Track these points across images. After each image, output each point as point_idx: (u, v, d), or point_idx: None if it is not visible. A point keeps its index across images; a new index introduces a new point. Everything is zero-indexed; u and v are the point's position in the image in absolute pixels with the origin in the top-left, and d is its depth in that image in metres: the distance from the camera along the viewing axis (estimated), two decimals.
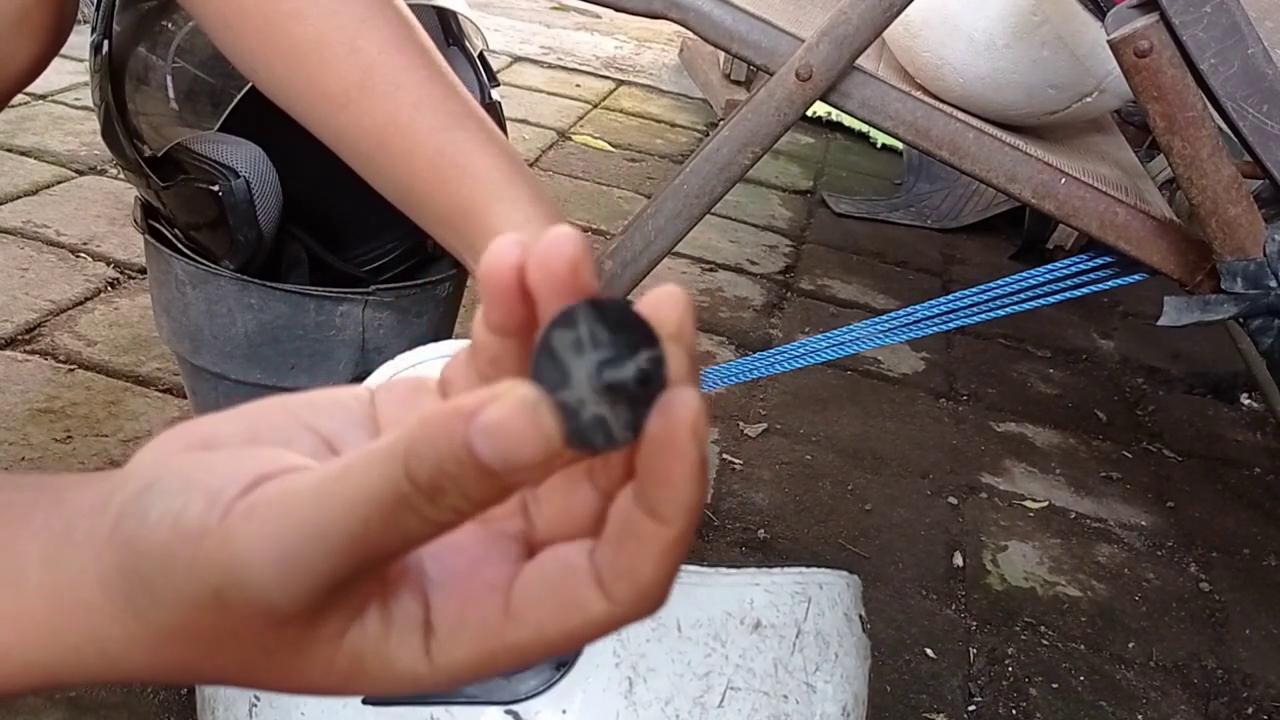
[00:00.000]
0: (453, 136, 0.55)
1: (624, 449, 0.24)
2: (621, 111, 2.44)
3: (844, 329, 1.04)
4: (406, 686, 0.27)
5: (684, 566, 0.48)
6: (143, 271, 1.31)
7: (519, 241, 0.26)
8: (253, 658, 0.26)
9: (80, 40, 0.81)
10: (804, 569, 0.54)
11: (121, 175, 1.53)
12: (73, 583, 0.27)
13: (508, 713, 0.49)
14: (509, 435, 0.23)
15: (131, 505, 0.26)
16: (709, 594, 0.52)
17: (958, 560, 1.15)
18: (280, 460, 0.27)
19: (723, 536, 1.10)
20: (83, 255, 1.35)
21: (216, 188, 0.85)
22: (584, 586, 0.26)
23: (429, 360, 0.57)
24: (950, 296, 1.02)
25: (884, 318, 1.03)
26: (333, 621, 0.26)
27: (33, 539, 0.27)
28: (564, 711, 0.49)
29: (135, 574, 0.26)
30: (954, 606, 1.08)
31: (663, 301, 0.25)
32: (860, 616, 0.58)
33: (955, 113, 0.98)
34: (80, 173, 1.58)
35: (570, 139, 2.18)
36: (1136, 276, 0.98)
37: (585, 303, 0.24)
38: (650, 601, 0.26)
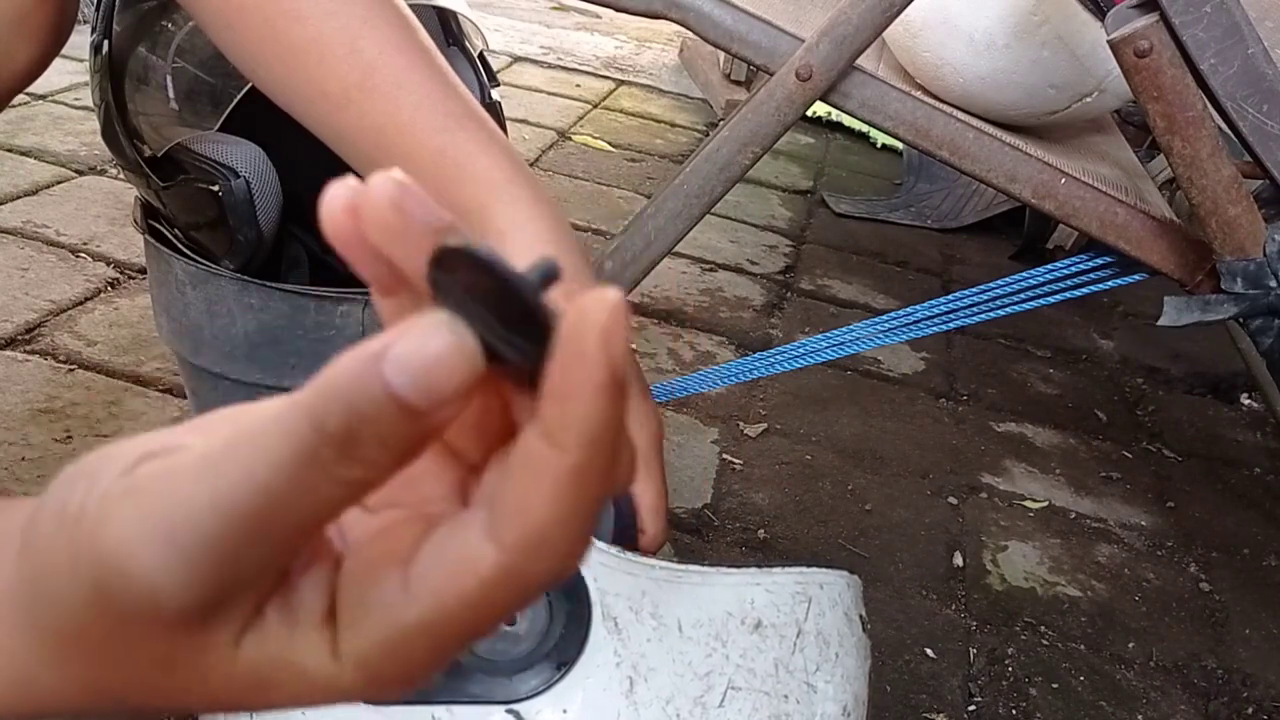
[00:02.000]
0: (454, 136, 0.55)
1: (539, 367, 0.22)
2: (621, 111, 2.44)
3: (844, 329, 1.04)
4: (324, 694, 0.24)
5: (684, 566, 0.48)
6: (143, 271, 1.31)
7: (350, 186, 0.24)
8: (154, 675, 0.24)
9: (80, 40, 0.81)
10: (805, 569, 0.54)
11: (121, 175, 1.53)
12: None
13: (509, 712, 0.49)
14: (426, 359, 0.21)
15: (36, 509, 0.24)
16: (709, 594, 0.52)
17: (958, 560, 1.15)
18: (173, 438, 0.24)
19: (723, 536, 1.10)
20: (83, 255, 1.35)
21: (216, 188, 0.85)
22: (474, 539, 0.23)
23: None
24: (950, 296, 1.02)
25: (884, 318, 1.03)
26: (227, 621, 0.23)
27: None
28: (565, 711, 0.49)
29: (31, 577, 0.24)
30: (954, 606, 1.08)
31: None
32: (861, 617, 0.58)
33: (955, 113, 0.98)
34: (80, 173, 1.58)
35: (570, 139, 2.18)
36: (1136, 276, 0.98)
37: (460, 248, 0.22)
38: (546, 549, 0.22)
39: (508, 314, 0.22)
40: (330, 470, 0.21)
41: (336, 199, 0.24)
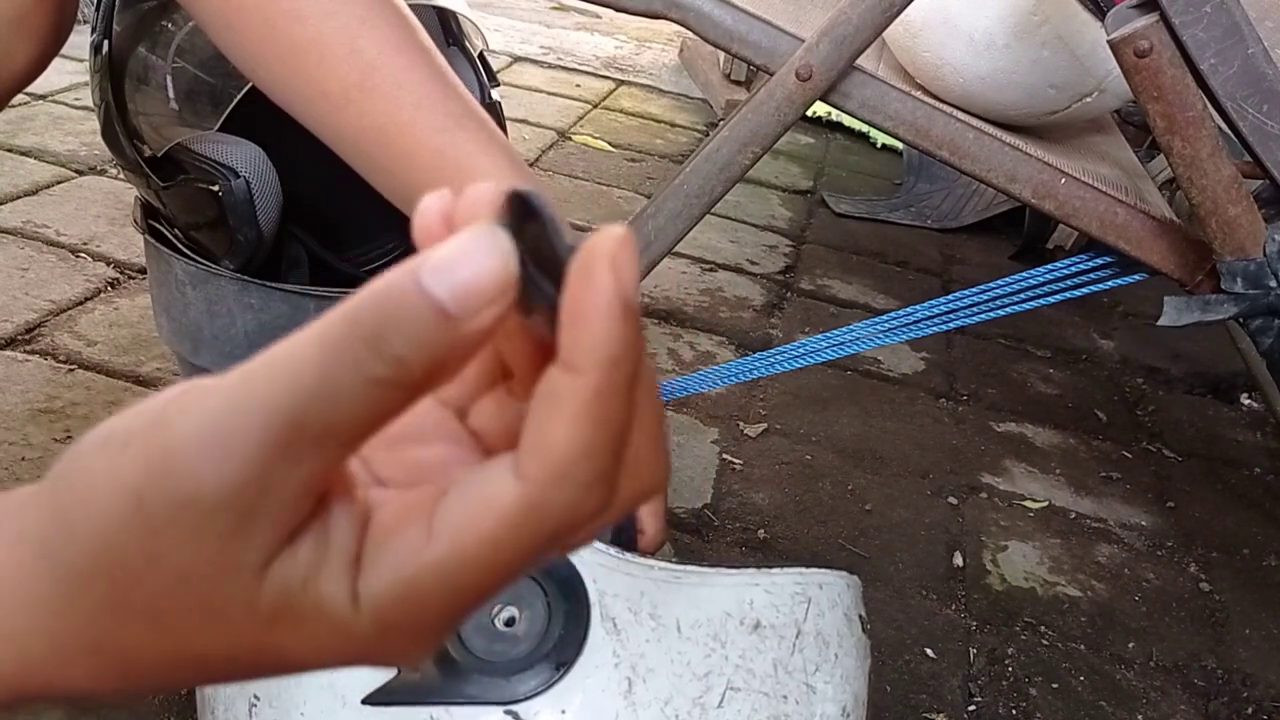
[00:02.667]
0: (453, 136, 0.55)
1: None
2: (621, 111, 2.44)
3: (844, 329, 1.04)
4: (337, 641, 0.24)
5: (683, 567, 0.48)
6: (143, 271, 1.31)
7: (442, 194, 0.25)
8: (168, 598, 0.23)
9: (80, 40, 0.81)
10: (804, 569, 0.54)
11: (121, 175, 1.53)
12: None
13: (507, 713, 0.49)
14: (468, 261, 0.22)
15: (59, 463, 0.25)
16: (709, 594, 0.52)
17: (958, 560, 1.15)
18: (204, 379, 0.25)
19: (722, 536, 1.10)
20: (83, 255, 1.35)
21: (216, 188, 0.85)
22: (496, 477, 0.23)
23: None
24: (950, 296, 1.02)
25: (884, 318, 1.03)
26: (260, 536, 0.23)
27: None
28: (563, 711, 0.49)
29: (52, 513, 0.24)
30: (954, 606, 1.08)
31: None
32: (860, 617, 0.58)
33: (955, 113, 0.98)
34: (80, 173, 1.58)
35: (570, 139, 2.18)
36: (1136, 276, 0.98)
37: (521, 194, 0.23)
38: (568, 479, 0.23)
39: (544, 263, 0.23)
40: (363, 368, 0.22)
41: (431, 208, 0.25)
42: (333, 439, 0.23)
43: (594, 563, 0.51)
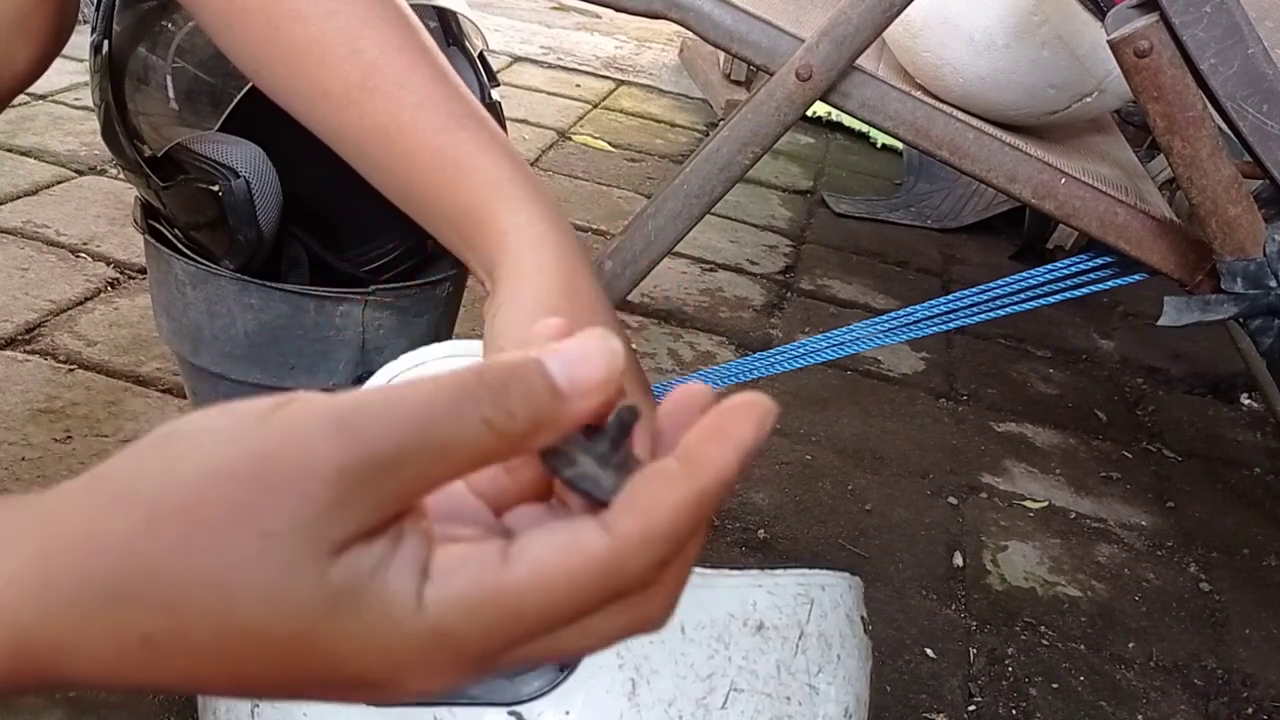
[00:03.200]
0: (455, 137, 0.55)
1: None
2: (621, 111, 2.44)
3: (844, 329, 1.04)
4: (395, 642, 0.25)
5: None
6: (143, 271, 1.31)
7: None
8: (245, 563, 0.25)
9: (80, 40, 0.81)
10: (806, 571, 0.54)
11: (121, 175, 1.53)
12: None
13: (510, 714, 0.49)
14: (584, 360, 0.27)
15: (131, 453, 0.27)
16: (712, 596, 0.52)
17: (958, 560, 1.15)
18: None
19: (723, 537, 1.10)
20: (83, 255, 1.35)
21: (216, 188, 0.85)
22: (582, 525, 0.26)
23: (431, 361, 0.57)
24: (950, 296, 1.02)
25: (884, 318, 1.03)
26: (353, 517, 0.25)
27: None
28: (567, 713, 0.49)
29: (155, 460, 0.26)
30: (954, 606, 1.08)
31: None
32: (862, 618, 0.58)
33: (955, 113, 0.98)
34: (80, 173, 1.58)
35: (570, 139, 2.18)
36: (1136, 276, 0.98)
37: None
38: (651, 549, 0.26)
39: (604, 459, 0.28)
40: (483, 409, 0.26)
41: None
42: (436, 462, 0.26)
43: None
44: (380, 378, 0.56)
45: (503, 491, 0.31)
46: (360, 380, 0.96)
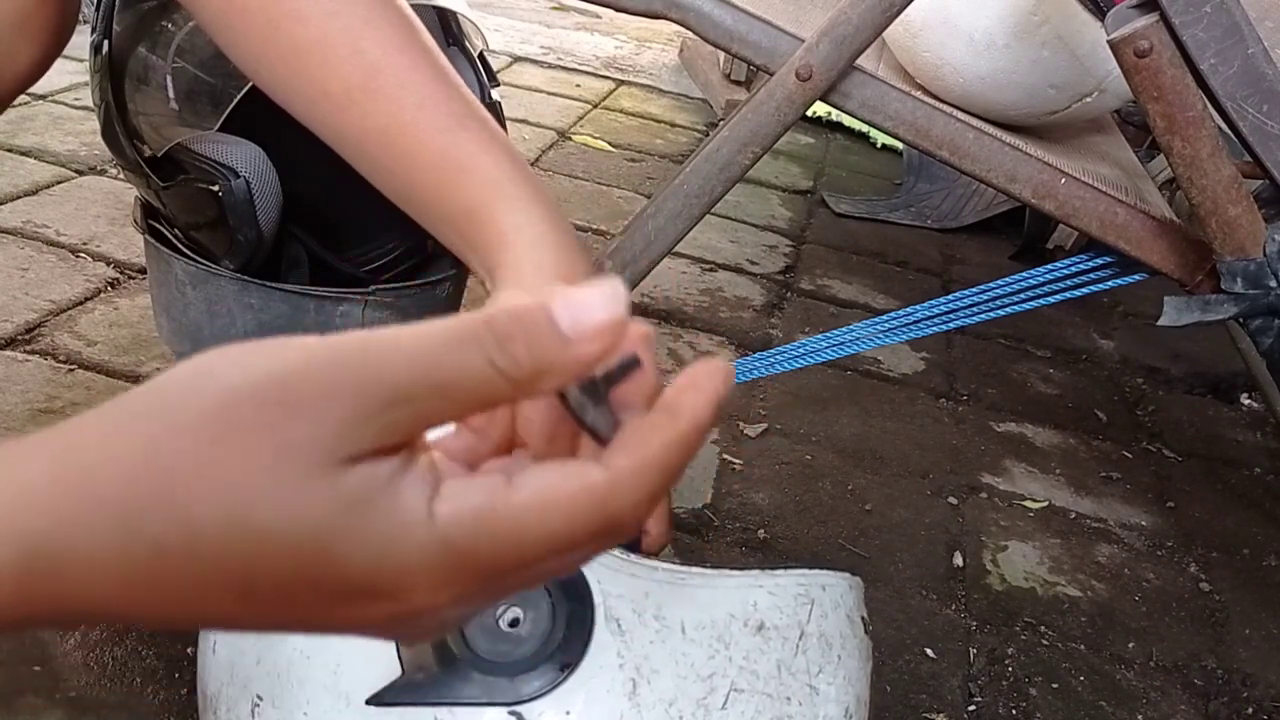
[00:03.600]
0: (456, 137, 0.55)
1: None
2: (621, 111, 2.44)
3: (844, 329, 1.04)
4: (404, 547, 0.27)
5: (687, 568, 0.49)
6: (143, 271, 1.31)
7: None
8: (261, 471, 0.26)
9: (80, 40, 0.81)
10: (807, 571, 0.54)
11: (121, 175, 1.53)
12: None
13: (511, 714, 0.49)
14: (589, 307, 0.28)
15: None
16: (712, 596, 0.52)
17: (958, 560, 1.15)
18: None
19: (723, 537, 1.10)
20: (83, 255, 1.35)
21: (216, 188, 0.85)
22: (578, 462, 0.29)
23: None
24: (950, 296, 1.02)
25: (884, 318, 1.03)
26: (367, 435, 0.27)
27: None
28: (568, 712, 0.49)
29: (192, 373, 0.27)
30: (954, 607, 1.08)
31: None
32: (863, 618, 0.58)
33: (955, 113, 0.98)
34: (80, 173, 1.58)
35: (570, 139, 2.18)
36: (1136, 276, 0.98)
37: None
38: (644, 482, 0.28)
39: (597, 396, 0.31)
40: (488, 353, 0.27)
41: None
42: (446, 398, 0.27)
43: (599, 564, 0.51)
44: None
45: (470, 450, 0.35)
46: None
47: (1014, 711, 0.97)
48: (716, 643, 0.51)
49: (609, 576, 0.51)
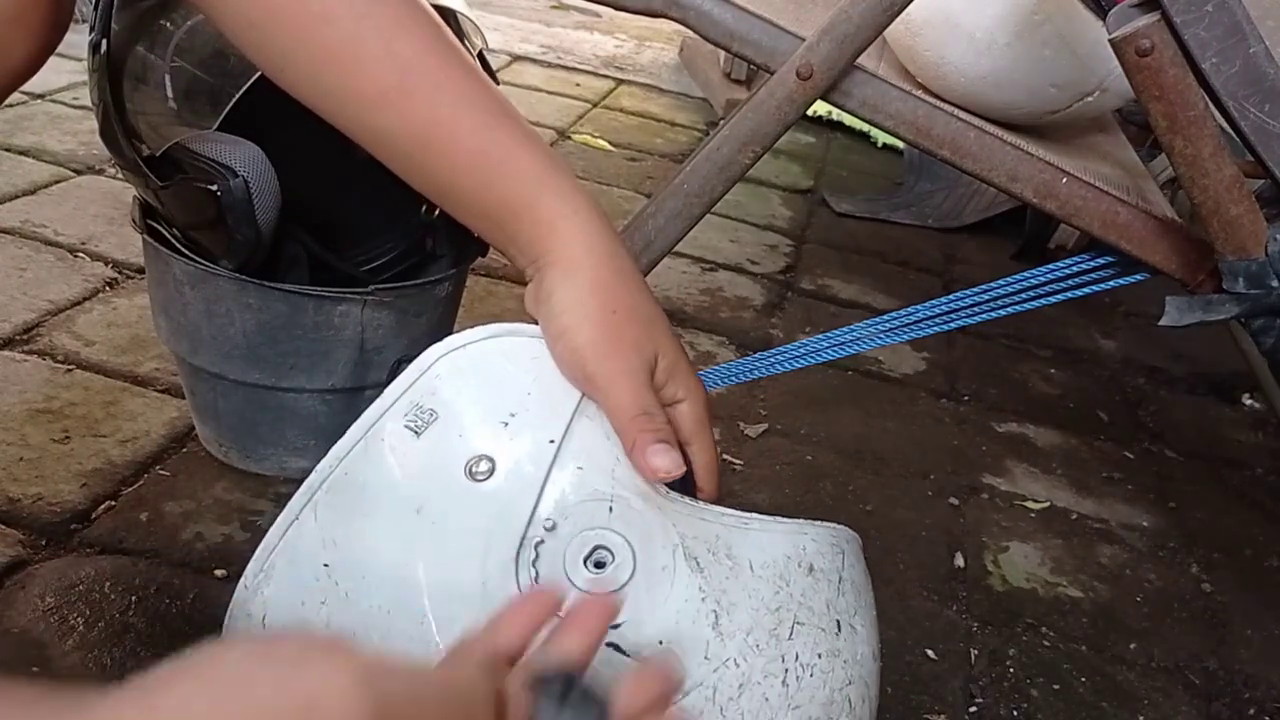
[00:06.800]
0: (494, 134, 0.56)
1: None
2: (621, 111, 2.44)
3: (844, 329, 1.04)
4: None
5: (746, 514, 0.58)
6: (141, 271, 1.31)
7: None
8: None
9: (78, 39, 0.81)
10: (833, 525, 0.60)
11: (120, 175, 1.52)
12: None
13: (608, 644, 0.52)
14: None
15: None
16: (770, 539, 0.57)
17: (959, 561, 1.15)
18: None
19: None
20: (81, 255, 1.35)
21: (215, 187, 0.85)
22: None
23: (477, 341, 0.57)
24: (951, 296, 1.01)
25: (884, 318, 1.03)
26: None
27: None
28: (660, 642, 0.53)
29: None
30: (955, 607, 1.07)
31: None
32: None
33: (956, 112, 0.98)
34: (78, 172, 1.58)
35: (570, 138, 2.18)
36: (1138, 276, 0.98)
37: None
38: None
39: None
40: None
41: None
42: None
43: (674, 510, 0.56)
44: (427, 359, 0.56)
45: None
46: (360, 382, 0.96)
47: (1015, 712, 0.96)
48: (779, 580, 0.56)
49: (684, 521, 0.56)
